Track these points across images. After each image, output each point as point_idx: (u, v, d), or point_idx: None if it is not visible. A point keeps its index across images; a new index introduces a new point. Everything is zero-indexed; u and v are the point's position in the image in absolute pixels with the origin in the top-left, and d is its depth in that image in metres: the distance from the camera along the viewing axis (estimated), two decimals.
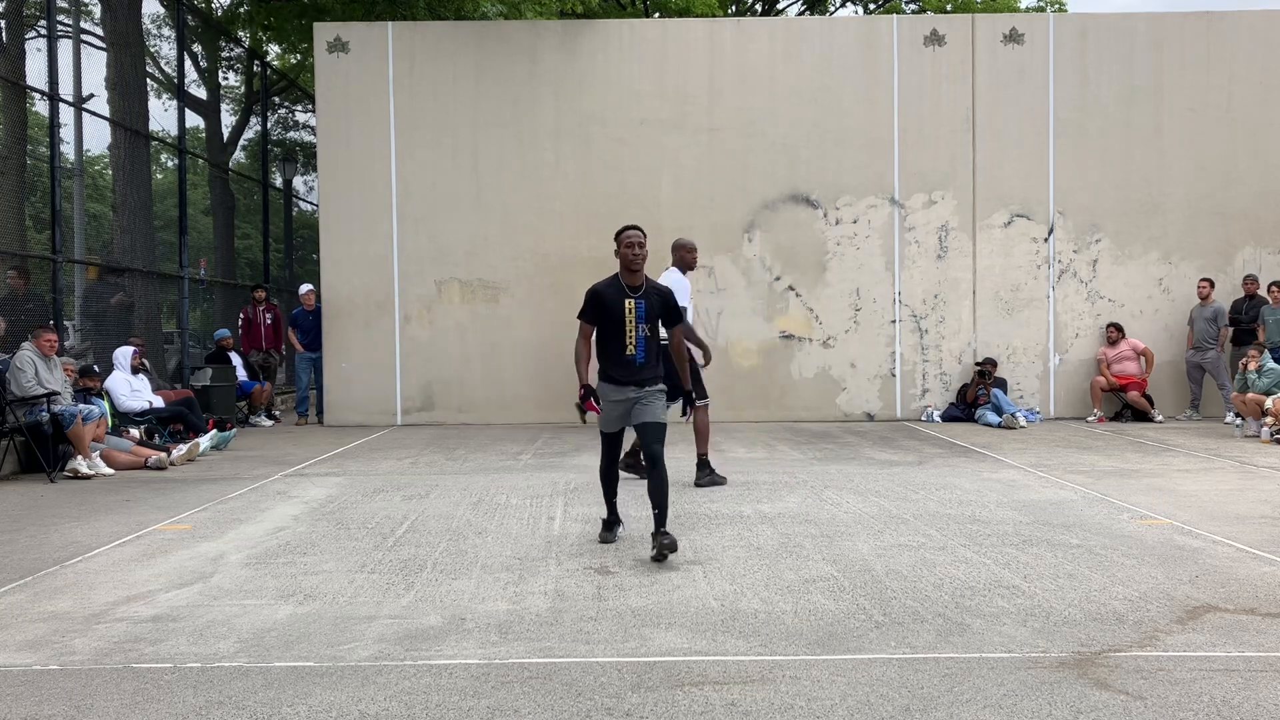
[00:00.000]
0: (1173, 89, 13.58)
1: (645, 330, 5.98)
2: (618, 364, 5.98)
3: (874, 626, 4.52)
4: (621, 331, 5.95)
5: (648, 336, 5.99)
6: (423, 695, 3.77)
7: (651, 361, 6.02)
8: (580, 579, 5.40)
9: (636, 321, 5.96)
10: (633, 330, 5.95)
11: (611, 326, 5.97)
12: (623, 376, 5.98)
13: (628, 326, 5.94)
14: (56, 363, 9.75)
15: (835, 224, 13.61)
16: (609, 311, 5.97)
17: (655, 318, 6.04)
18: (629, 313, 5.94)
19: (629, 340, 5.94)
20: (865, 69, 13.60)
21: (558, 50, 13.64)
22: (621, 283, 6.04)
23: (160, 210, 16.24)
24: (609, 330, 6.00)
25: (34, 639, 4.49)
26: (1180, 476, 8.63)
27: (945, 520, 6.83)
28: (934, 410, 13.43)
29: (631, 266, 6.02)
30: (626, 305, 5.95)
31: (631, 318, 5.95)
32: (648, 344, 5.98)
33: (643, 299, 5.98)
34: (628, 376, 5.97)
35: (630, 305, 5.94)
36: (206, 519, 7.19)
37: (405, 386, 13.65)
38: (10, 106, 12.27)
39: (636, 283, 6.03)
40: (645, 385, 5.97)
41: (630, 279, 6.04)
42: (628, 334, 5.94)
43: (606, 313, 5.98)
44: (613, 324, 5.97)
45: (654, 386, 6.01)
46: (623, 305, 5.94)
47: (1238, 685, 3.78)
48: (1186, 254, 13.62)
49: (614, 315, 5.95)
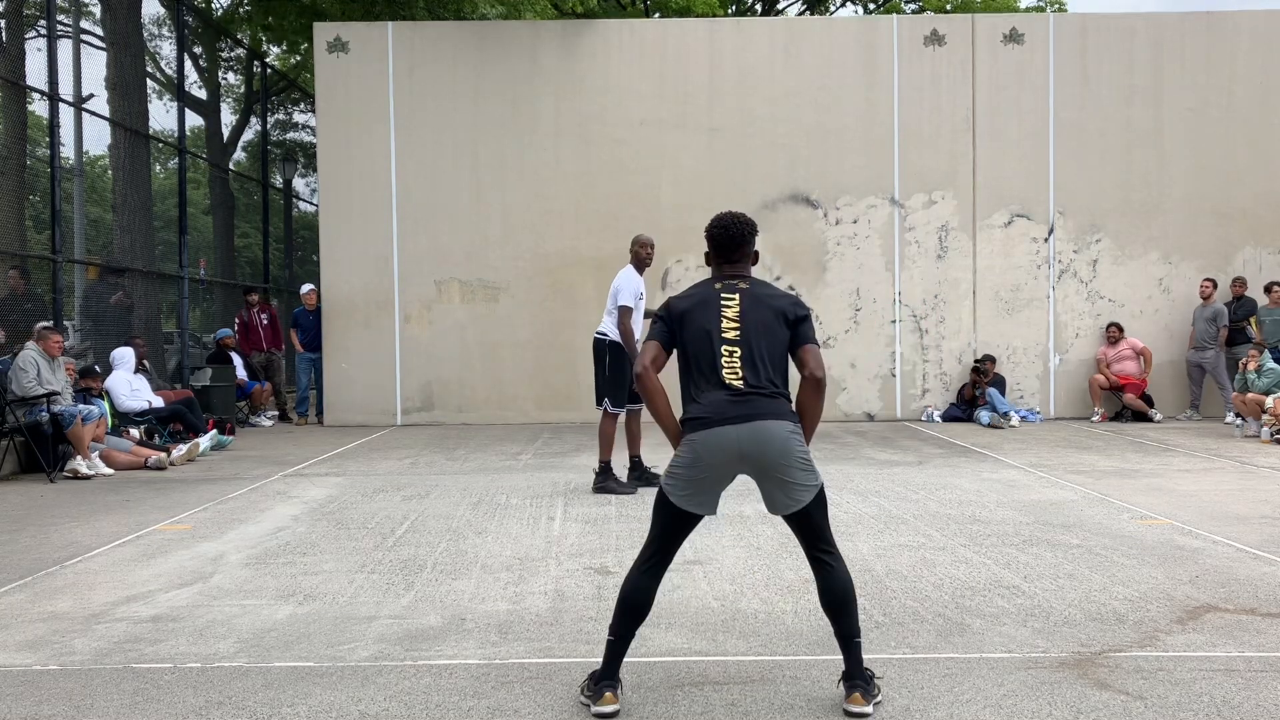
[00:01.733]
0: (1173, 89, 13.58)
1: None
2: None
3: (874, 626, 4.52)
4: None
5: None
6: (423, 695, 3.77)
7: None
8: (580, 579, 5.40)
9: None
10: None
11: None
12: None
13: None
14: (60, 363, 9.75)
15: (835, 224, 13.61)
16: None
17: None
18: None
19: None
20: (865, 69, 13.60)
21: (558, 50, 13.64)
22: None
23: (160, 210, 16.24)
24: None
25: (34, 639, 4.49)
26: (1180, 476, 8.62)
27: (945, 520, 6.83)
28: (934, 410, 13.43)
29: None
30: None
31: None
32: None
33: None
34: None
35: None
36: (206, 519, 7.19)
37: (405, 386, 13.65)
38: (10, 106, 12.26)
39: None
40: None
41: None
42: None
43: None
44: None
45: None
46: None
47: (1238, 685, 3.78)
48: (1186, 254, 13.62)
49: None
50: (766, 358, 3.63)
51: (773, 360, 3.65)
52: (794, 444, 3.57)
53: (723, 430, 3.52)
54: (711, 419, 3.54)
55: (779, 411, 3.58)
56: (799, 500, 3.57)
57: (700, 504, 3.62)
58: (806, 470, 3.58)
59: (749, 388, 3.58)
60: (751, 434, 3.52)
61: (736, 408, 3.55)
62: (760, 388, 3.58)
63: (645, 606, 3.68)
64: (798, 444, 3.58)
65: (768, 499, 3.67)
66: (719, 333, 3.65)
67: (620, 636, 3.67)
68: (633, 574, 3.71)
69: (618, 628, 3.68)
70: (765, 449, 3.53)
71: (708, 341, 3.65)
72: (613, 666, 3.66)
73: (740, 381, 3.59)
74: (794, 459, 3.56)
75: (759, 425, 3.53)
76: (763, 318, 3.67)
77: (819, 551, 3.65)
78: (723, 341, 3.64)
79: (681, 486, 3.60)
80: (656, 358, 3.73)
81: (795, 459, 3.56)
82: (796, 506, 3.58)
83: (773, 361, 3.65)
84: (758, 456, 3.54)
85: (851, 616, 3.62)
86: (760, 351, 3.63)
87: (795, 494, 3.58)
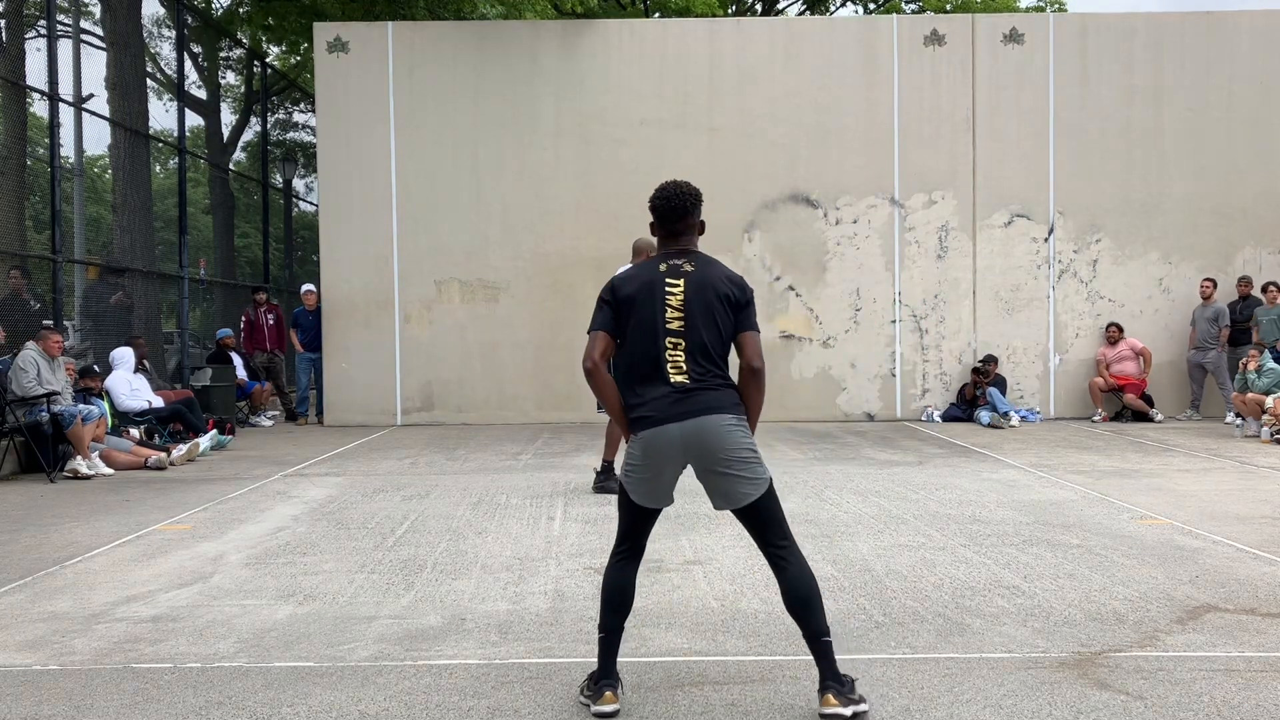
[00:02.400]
0: (1173, 89, 13.57)
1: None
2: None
3: (874, 626, 4.52)
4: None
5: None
6: (423, 695, 3.76)
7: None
8: (580, 579, 5.40)
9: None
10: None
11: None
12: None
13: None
14: (60, 363, 9.76)
15: (835, 224, 13.60)
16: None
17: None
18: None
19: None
20: (865, 69, 13.60)
21: (558, 50, 13.64)
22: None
23: (160, 210, 16.24)
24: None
25: (34, 639, 4.48)
26: (1180, 476, 8.62)
27: (945, 520, 6.83)
28: (934, 410, 13.43)
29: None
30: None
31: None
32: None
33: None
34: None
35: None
36: (206, 519, 7.19)
37: (405, 386, 13.65)
38: (10, 106, 12.26)
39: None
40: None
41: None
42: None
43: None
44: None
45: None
46: None
47: (1238, 685, 3.78)
48: (1186, 254, 13.62)
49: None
50: (710, 348, 3.56)
51: (716, 350, 3.58)
52: (737, 436, 3.51)
53: (666, 429, 3.49)
54: (655, 417, 3.51)
55: (722, 405, 3.52)
56: (747, 494, 3.52)
57: (656, 498, 3.62)
58: (752, 463, 3.52)
59: (693, 382, 3.52)
60: (695, 429, 3.48)
61: (680, 405, 3.49)
62: (704, 381, 3.53)
63: (627, 598, 3.67)
64: (741, 436, 3.52)
65: (714, 495, 3.60)
66: (663, 323, 3.56)
67: (609, 631, 3.64)
68: (609, 568, 3.72)
69: (604, 623, 3.66)
70: (706, 443, 3.49)
71: (651, 334, 3.56)
72: (609, 664, 3.62)
73: (684, 377, 3.53)
74: (738, 452, 3.50)
75: (701, 421, 3.48)
76: (707, 303, 3.57)
77: (774, 548, 3.57)
78: (667, 333, 3.56)
79: (636, 484, 3.60)
80: (605, 349, 3.65)
81: (740, 452, 3.50)
82: (745, 500, 3.52)
83: (717, 351, 3.58)
84: (700, 451, 3.50)
85: (818, 614, 3.51)
86: (704, 341, 3.55)
87: (742, 487, 3.52)
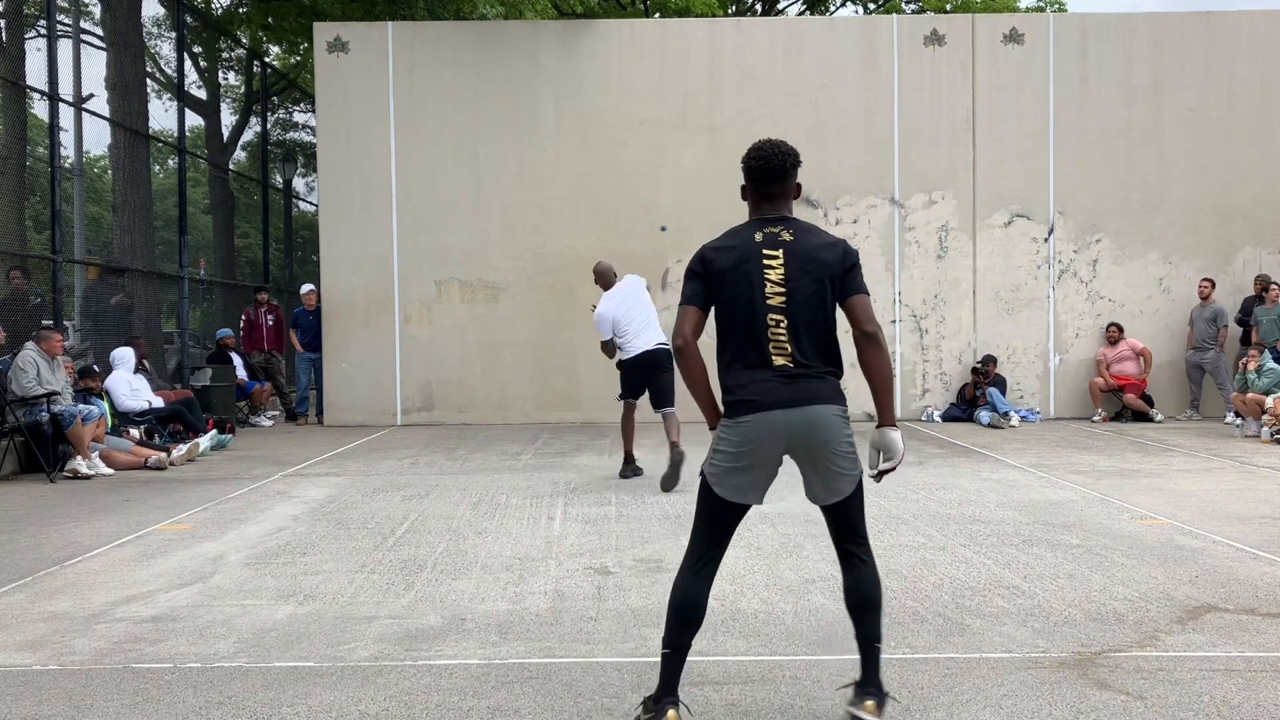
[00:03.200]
0: (1173, 89, 13.57)
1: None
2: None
3: None
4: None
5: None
6: (423, 695, 3.76)
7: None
8: (580, 579, 5.40)
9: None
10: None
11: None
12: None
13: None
14: (59, 363, 9.75)
15: (835, 224, 13.60)
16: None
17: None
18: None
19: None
20: (865, 69, 13.60)
21: (558, 50, 13.64)
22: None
23: (160, 210, 16.24)
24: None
25: (34, 639, 4.48)
26: (1180, 476, 8.62)
27: (945, 520, 6.83)
28: (934, 410, 13.43)
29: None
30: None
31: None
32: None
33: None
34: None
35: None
36: (206, 519, 7.19)
37: (405, 386, 13.65)
38: (10, 106, 12.26)
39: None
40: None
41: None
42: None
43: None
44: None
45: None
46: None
47: (1238, 685, 3.78)
48: (1186, 254, 13.62)
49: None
50: (815, 327, 3.29)
51: (822, 328, 3.31)
52: (842, 431, 3.29)
53: (771, 415, 3.22)
54: (760, 402, 3.22)
55: (829, 394, 3.28)
56: (840, 491, 3.32)
57: (747, 494, 3.32)
58: (850, 459, 3.31)
59: (798, 366, 3.25)
60: (801, 419, 3.23)
61: (786, 390, 3.23)
62: (809, 365, 3.26)
63: (699, 611, 3.35)
64: (846, 429, 3.31)
65: (808, 487, 3.38)
66: (763, 299, 3.25)
67: (676, 649, 3.33)
68: (682, 579, 3.37)
69: (671, 639, 3.33)
70: (814, 435, 3.24)
71: (750, 311, 3.26)
72: (672, 682, 3.33)
73: (789, 360, 3.25)
74: (840, 447, 3.28)
75: (809, 410, 3.23)
76: (810, 278, 3.28)
77: (852, 545, 3.40)
78: (767, 309, 3.25)
79: (728, 476, 3.28)
80: (698, 325, 3.33)
81: (842, 447, 3.29)
82: (838, 497, 3.33)
83: (822, 329, 3.31)
84: (806, 443, 3.26)
85: (876, 619, 3.37)
86: (808, 322, 3.28)
87: (837, 484, 3.32)
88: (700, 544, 3.36)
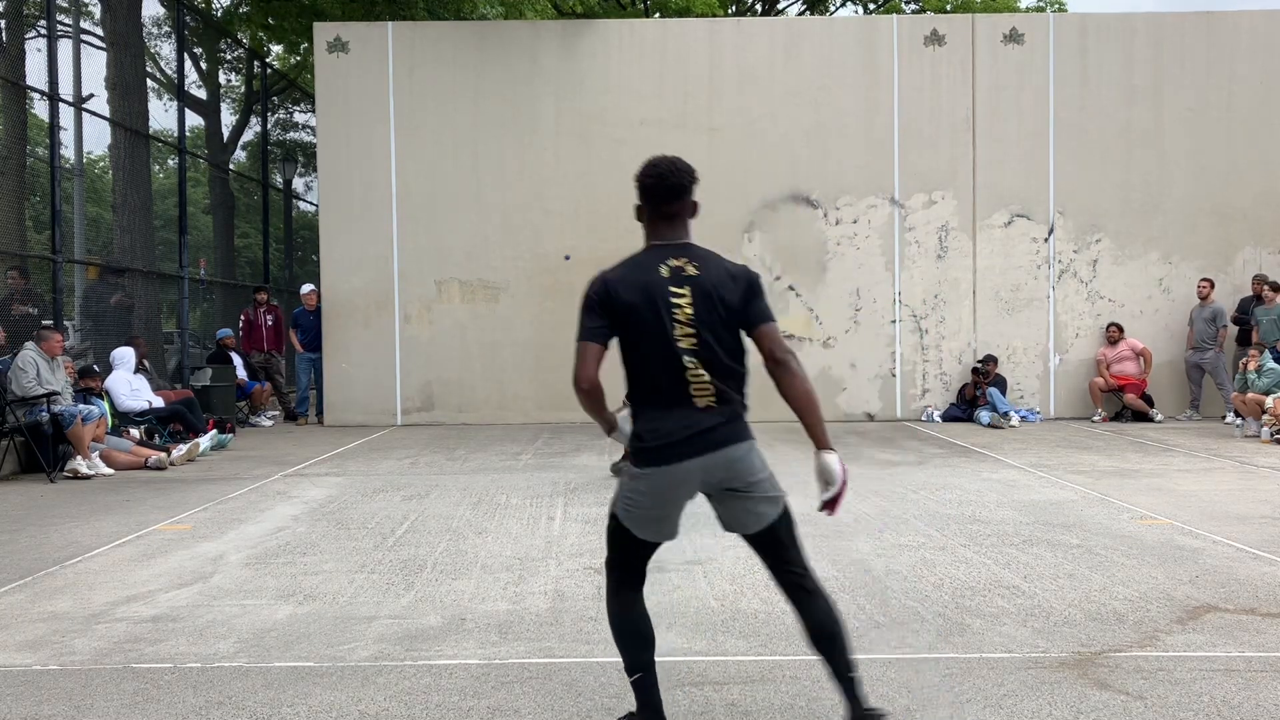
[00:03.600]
0: (1173, 89, 13.57)
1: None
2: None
3: (874, 626, 4.52)
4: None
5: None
6: (423, 695, 3.77)
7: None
8: (580, 579, 5.40)
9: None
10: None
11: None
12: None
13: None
14: (59, 363, 9.75)
15: (835, 224, 13.60)
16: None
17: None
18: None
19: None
20: (865, 69, 13.60)
21: (558, 50, 13.64)
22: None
23: (160, 210, 16.24)
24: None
25: (34, 639, 4.48)
26: (1180, 476, 8.62)
27: (945, 520, 6.83)
28: (934, 410, 13.43)
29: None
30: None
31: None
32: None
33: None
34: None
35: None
36: (206, 519, 7.19)
37: (405, 386, 13.65)
38: (10, 106, 12.26)
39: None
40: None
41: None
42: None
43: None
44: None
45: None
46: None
47: (1238, 685, 3.78)
48: (1186, 254, 13.62)
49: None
50: (731, 366, 3.14)
51: (737, 367, 3.17)
52: (756, 460, 3.17)
53: (687, 465, 3.08)
54: (677, 452, 3.07)
55: (744, 431, 3.15)
56: (765, 516, 3.15)
57: (662, 533, 3.20)
58: (771, 483, 3.18)
59: (719, 407, 3.10)
60: (718, 462, 3.10)
61: (704, 436, 3.08)
62: (730, 404, 3.12)
63: (647, 627, 3.22)
64: (759, 458, 3.18)
65: (728, 518, 3.20)
66: (674, 341, 3.07)
67: (642, 668, 3.19)
68: (612, 604, 3.26)
69: (633, 662, 3.20)
70: (732, 474, 3.12)
71: (664, 354, 3.08)
72: (653, 703, 3.20)
73: (711, 401, 3.09)
74: (758, 475, 3.15)
75: (728, 451, 3.10)
76: (718, 316, 3.11)
77: (793, 575, 3.19)
78: (681, 352, 3.08)
79: (641, 520, 3.17)
80: (600, 364, 3.13)
81: (759, 475, 3.15)
82: (764, 523, 3.15)
83: (737, 368, 3.17)
84: (723, 482, 3.13)
85: (844, 650, 3.16)
86: (722, 360, 3.12)
87: (760, 509, 3.15)
88: (619, 569, 3.27)
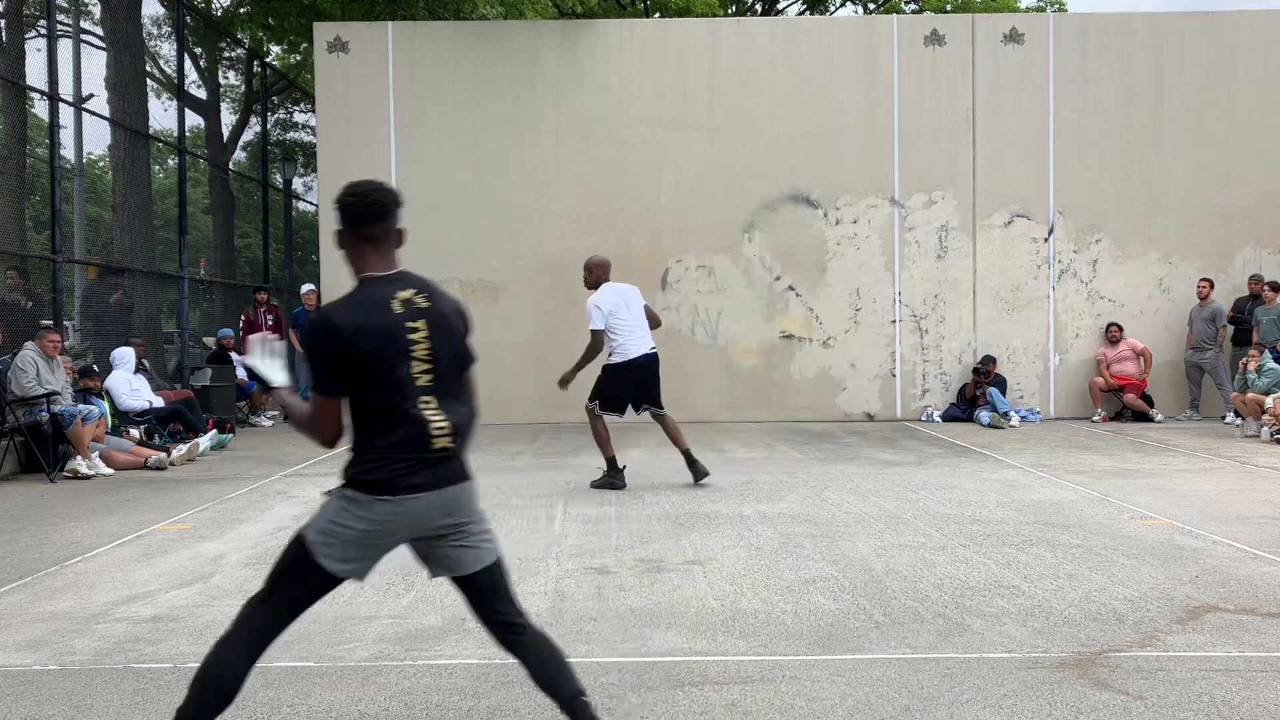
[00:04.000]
0: (1173, 89, 13.57)
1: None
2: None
3: (874, 626, 4.52)
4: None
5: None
6: (423, 695, 3.77)
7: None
8: (580, 579, 5.40)
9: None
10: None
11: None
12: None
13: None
14: (59, 363, 9.75)
15: (835, 224, 13.60)
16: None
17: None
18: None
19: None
20: (865, 69, 13.60)
21: (558, 50, 13.64)
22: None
23: (160, 210, 16.24)
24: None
25: (34, 639, 4.48)
26: (1180, 476, 8.62)
27: (945, 520, 6.83)
28: (934, 410, 13.43)
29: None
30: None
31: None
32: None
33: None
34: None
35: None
36: (206, 519, 7.19)
37: None
38: (10, 106, 12.26)
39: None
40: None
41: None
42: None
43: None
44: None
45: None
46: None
47: (1238, 685, 3.78)
48: (1186, 254, 13.62)
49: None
50: (461, 401, 3.08)
51: (466, 401, 3.13)
52: (477, 501, 3.10)
53: (419, 500, 2.91)
54: (412, 484, 2.90)
55: (467, 469, 3.07)
56: (486, 556, 3.03)
57: (356, 571, 2.96)
58: (487, 522, 3.11)
59: (453, 445, 2.99)
60: (447, 499, 2.97)
61: (434, 472, 2.94)
62: (463, 440, 3.03)
63: (236, 690, 2.88)
64: (477, 500, 3.11)
65: (447, 561, 3.02)
66: (411, 378, 2.94)
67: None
68: (228, 648, 2.90)
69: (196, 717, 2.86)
70: (459, 511, 3.00)
71: (402, 394, 2.92)
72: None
73: (449, 440, 2.97)
74: (478, 512, 3.07)
75: (458, 489, 3.00)
76: (451, 351, 3.06)
77: (512, 615, 3.05)
78: (419, 391, 2.95)
79: (344, 551, 2.91)
80: (341, 420, 3.00)
81: (479, 512, 3.07)
82: (490, 559, 3.04)
83: (466, 402, 3.13)
84: (449, 521, 2.98)
85: (569, 670, 3.03)
86: (454, 395, 3.05)
87: (484, 542, 3.05)
88: (271, 612, 2.95)
